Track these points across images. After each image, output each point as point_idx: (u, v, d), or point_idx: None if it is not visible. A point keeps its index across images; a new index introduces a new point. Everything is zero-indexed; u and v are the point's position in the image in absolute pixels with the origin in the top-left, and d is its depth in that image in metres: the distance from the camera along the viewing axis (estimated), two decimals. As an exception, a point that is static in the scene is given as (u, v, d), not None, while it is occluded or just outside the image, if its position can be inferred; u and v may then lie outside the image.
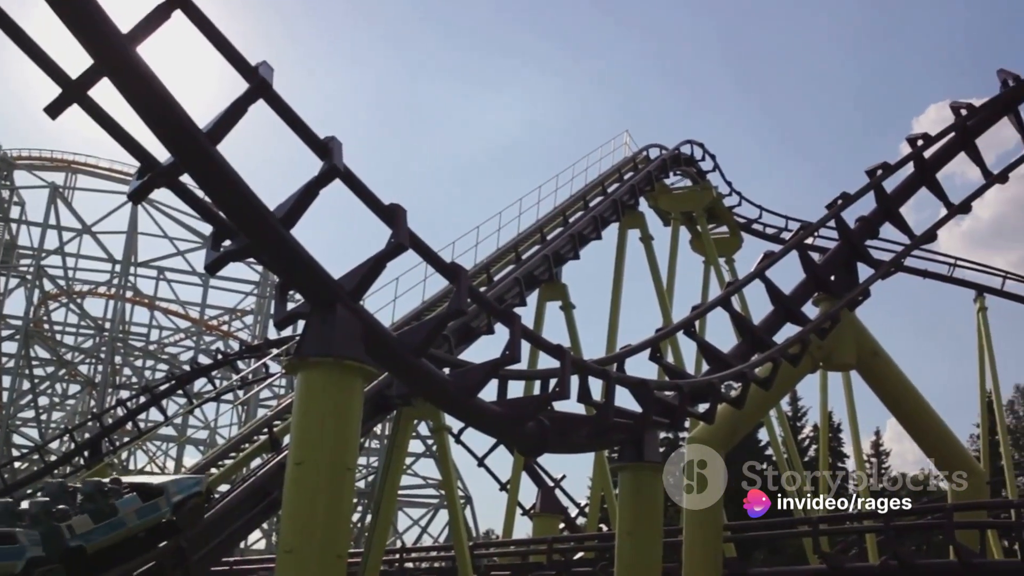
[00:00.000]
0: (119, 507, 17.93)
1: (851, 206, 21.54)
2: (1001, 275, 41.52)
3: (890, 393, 21.79)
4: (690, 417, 17.06)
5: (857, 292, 20.84)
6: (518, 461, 31.88)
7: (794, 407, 72.18)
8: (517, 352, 11.91)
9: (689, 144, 39.69)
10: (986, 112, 22.88)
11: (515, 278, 26.24)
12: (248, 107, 9.30)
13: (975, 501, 21.48)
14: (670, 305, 35.60)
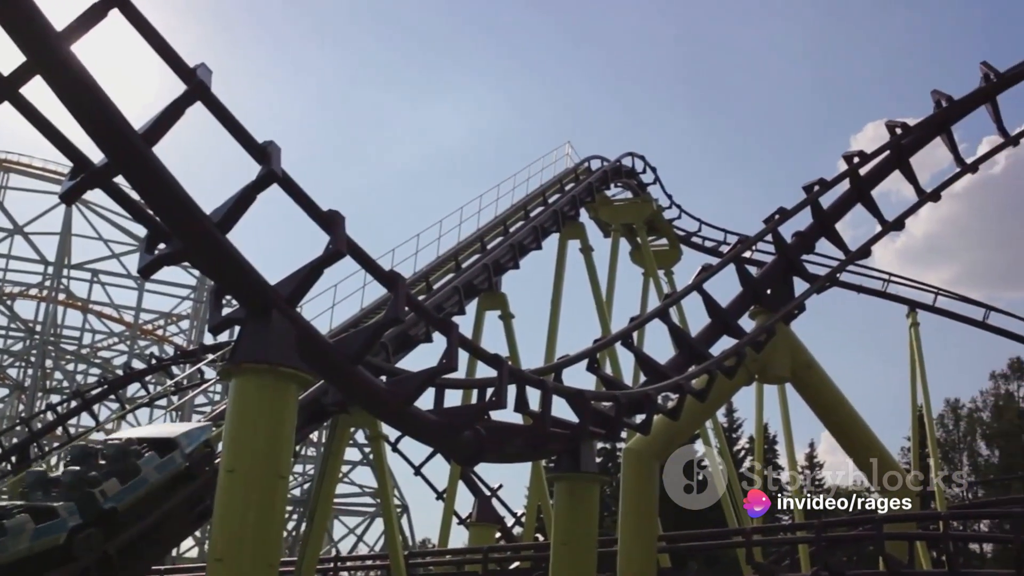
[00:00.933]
0: (141, 466, 18.90)
1: (788, 221, 21.73)
2: (933, 291, 42.11)
3: (823, 406, 22.01)
4: (626, 428, 17.08)
5: (792, 306, 21.02)
6: (455, 470, 31.81)
7: (730, 419, 72.73)
8: (454, 361, 11.87)
9: (630, 156, 39.91)
10: (920, 131, 23.21)
11: (454, 287, 26.21)
12: (185, 109, 9.17)
13: (904, 513, 21.72)
14: (609, 316, 35.73)
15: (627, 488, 19.39)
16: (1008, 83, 23.85)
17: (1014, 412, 71.67)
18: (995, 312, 41.77)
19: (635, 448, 19.30)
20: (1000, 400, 73.75)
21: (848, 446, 22.34)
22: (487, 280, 28.45)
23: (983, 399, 74.79)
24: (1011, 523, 21.37)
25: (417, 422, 12.51)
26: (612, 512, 31.95)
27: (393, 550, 24.20)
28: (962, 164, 23.88)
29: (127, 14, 8.61)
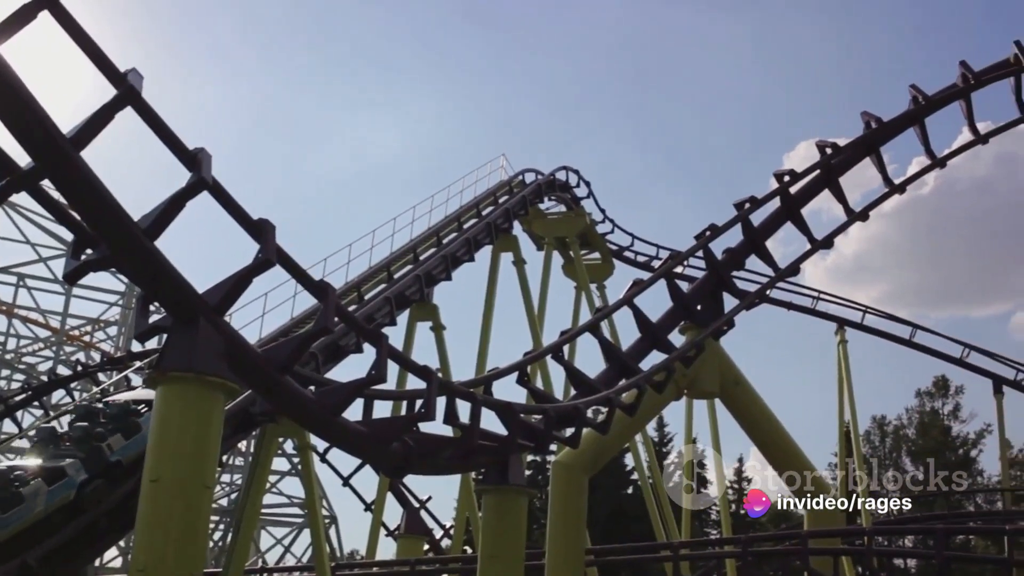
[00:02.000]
0: (142, 424, 20.04)
1: (719, 238, 21.95)
2: (862, 309, 42.84)
3: (751, 421, 22.20)
4: (555, 441, 17.12)
5: (722, 322, 21.22)
6: (383, 482, 31.68)
7: (660, 433, 73.14)
8: (383, 372, 11.84)
9: (565, 170, 40.13)
10: (850, 152, 23.57)
11: (386, 297, 26.17)
12: (115, 114, 9.05)
13: (830, 528, 21.99)
14: (540, 329, 35.85)
15: (556, 501, 19.44)
16: (935, 106, 24.33)
17: (939, 429, 72.77)
18: (921, 331, 42.60)
19: (564, 461, 19.36)
20: (925, 417, 74.83)
21: (775, 461, 22.56)
22: (419, 291, 28.46)
23: (908, 416, 75.89)
24: (934, 539, 21.71)
25: (345, 433, 12.43)
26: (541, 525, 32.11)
27: (320, 561, 24.07)
28: (890, 184, 24.29)
29: (58, 16, 8.48)
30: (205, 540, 11.05)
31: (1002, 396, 41.81)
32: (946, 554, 21.34)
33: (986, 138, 24.89)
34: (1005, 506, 45.01)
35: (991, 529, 40.23)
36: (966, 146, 25.19)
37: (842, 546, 23.43)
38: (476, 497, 29.02)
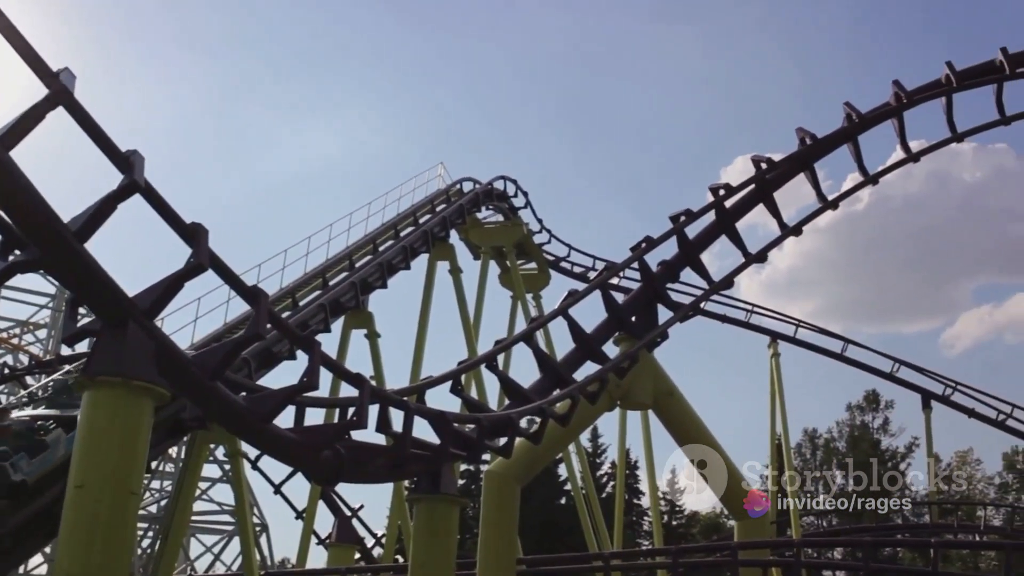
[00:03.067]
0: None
1: (655, 250, 22.09)
2: (794, 323, 43.29)
3: (683, 433, 22.34)
4: (488, 451, 17.11)
5: (656, 333, 21.35)
6: (315, 489, 31.45)
7: (594, 443, 73.43)
8: (315, 379, 11.75)
9: (503, 180, 40.18)
10: (784, 167, 23.85)
11: (320, 304, 26.02)
12: (46, 114, 8.94)
13: (759, 540, 22.19)
14: (476, 338, 35.84)
15: (487, 510, 19.44)
16: (868, 124, 24.68)
17: (868, 443, 73.71)
18: (853, 345, 43.16)
19: (496, 471, 19.36)
20: (855, 431, 75.79)
21: (705, 473, 22.72)
22: (354, 298, 28.32)
23: (839, 429, 76.81)
24: (862, 551, 22.00)
25: (276, 440, 12.34)
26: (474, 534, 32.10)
27: (249, 570, 23.85)
28: (824, 200, 24.59)
29: (-14, 13, 8.37)
30: (131, 547, 10.91)
31: (930, 411, 42.46)
32: (874, 566, 21.68)
33: (918, 156, 25.30)
34: (932, 519, 45.66)
35: (918, 542, 40.89)
36: (898, 164, 25.57)
37: (772, 557, 23.66)
38: (408, 506, 28.94)
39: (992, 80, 25.26)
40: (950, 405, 42.04)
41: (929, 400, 42.35)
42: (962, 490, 70.55)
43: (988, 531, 45.15)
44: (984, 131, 25.70)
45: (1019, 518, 54.61)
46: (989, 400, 41.90)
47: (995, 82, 25.16)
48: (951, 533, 43.08)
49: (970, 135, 25.61)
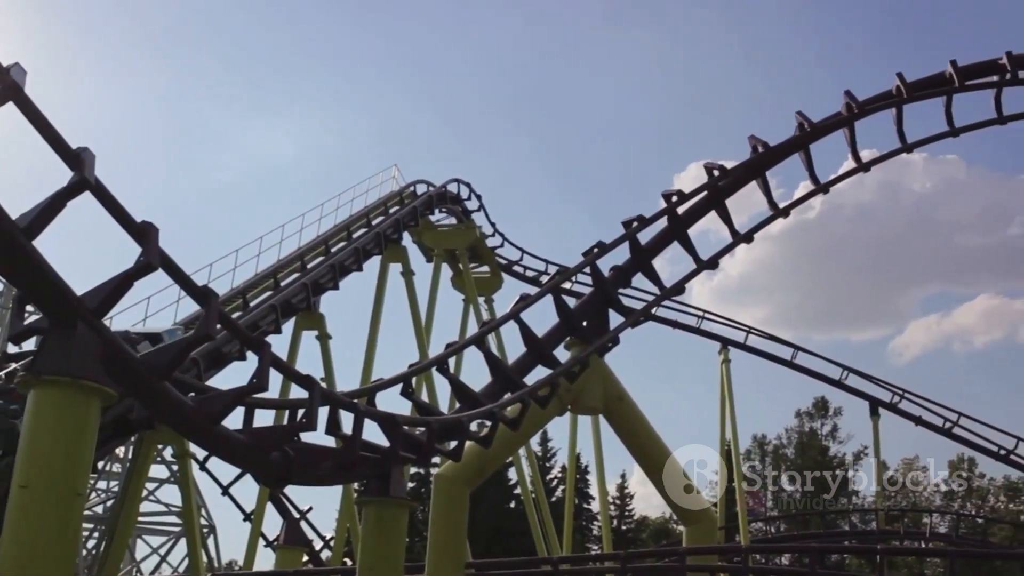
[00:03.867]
0: None
1: (607, 255, 22.13)
2: (745, 330, 43.64)
3: (633, 438, 22.40)
4: (438, 454, 17.08)
5: (607, 339, 21.39)
6: (263, 491, 31.30)
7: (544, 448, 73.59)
8: (265, 381, 11.67)
9: (456, 183, 40.27)
10: (736, 174, 23.97)
11: (271, 305, 25.95)
12: (-4, 110, 8.84)
13: (707, 546, 22.30)
14: (427, 341, 35.84)
15: (437, 514, 19.40)
16: (820, 133, 24.88)
17: (817, 449, 74.40)
18: (802, 352, 43.51)
19: (446, 474, 19.33)
20: (804, 437, 76.48)
21: (656, 478, 22.81)
22: (306, 300, 28.25)
23: (788, 436, 77.48)
24: (809, 557, 22.18)
25: (224, 441, 12.24)
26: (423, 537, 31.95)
27: (196, 571, 23.70)
28: (775, 208, 24.73)
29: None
30: (75, 548, 10.80)
31: (878, 418, 42.91)
32: (820, 572, 21.83)
33: (868, 166, 25.51)
34: (879, 526, 46.12)
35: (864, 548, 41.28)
36: (849, 173, 25.77)
37: (720, 563, 23.78)
38: (357, 508, 28.87)
39: (941, 92, 25.54)
40: (897, 413, 42.46)
41: (877, 407, 42.77)
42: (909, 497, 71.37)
43: (933, 538, 45.71)
44: (934, 142, 25.98)
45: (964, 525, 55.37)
46: (936, 408, 42.36)
47: (944, 94, 25.45)
48: (897, 540, 43.57)
49: (920, 146, 25.87)
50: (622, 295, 23.05)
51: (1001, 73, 26.06)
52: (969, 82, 25.78)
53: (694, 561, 21.61)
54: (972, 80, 25.98)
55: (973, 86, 25.90)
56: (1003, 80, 25.82)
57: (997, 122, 25.86)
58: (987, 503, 71.03)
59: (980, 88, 26.03)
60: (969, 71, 25.97)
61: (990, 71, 26.38)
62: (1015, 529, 59.44)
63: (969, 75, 25.92)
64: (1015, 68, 25.88)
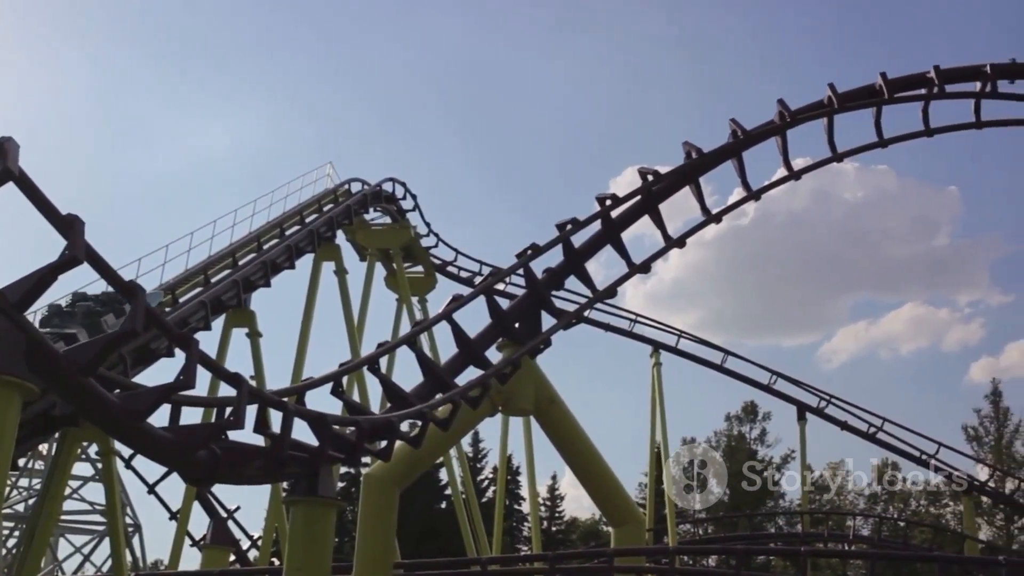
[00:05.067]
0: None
1: (541, 257, 22.14)
2: (676, 334, 43.94)
3: (563, 440, 22.42)
4: (367, 454, 16.97)
5: (539, 340, 21.39)
6: (190, 490, 30.95)
7: (476, 448, 73.58)
8: (192, 378, 11.50)
9: (391, 182, 40.12)
10: (670, 180, 24.09)
11: (201, 301, 25.67)
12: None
13: (635, 547, 22.38)
14: (360, 341, 35.66)
15: (365, 514, 19.28)
16: (753, 140, 25.07)
17: (745, 453, 75.06)
18: (732, 357, 43.86)
19: (375, 474, 19.23)
20: (733, 441, 77.15)
21: (585, 480, 22.85)
22: (236, 297, 28.00)
23: (717, 439, 78.09)
24: (735, 559, 22.34)
25: (149, 439, 12.04)
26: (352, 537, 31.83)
27: (119, 571, 23.37)
28: (707, 214, 24.88)
29: None
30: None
31: (805, 423, 43.36)
32: (746, 574, 21.96)
33: (799, 174, 25.77)
34: (804, 529, 46.67)
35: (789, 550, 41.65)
36: (780, 181, 26.00)
37: (648, 564, 23.88)
38: (284, 508, 28.65)
39: (871, 104, 25.90)
40: (824, 418, 42.95)
41: (804, 412, 43.22)
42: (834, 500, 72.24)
43: (856, 540, 46.25)
44: (863, 152, 26.33)
45: (886, 528, 56.15)
46: (861, 413, 42.93)
47: (874, 105, 25.81)
48: (821, 542, 44.10)
49: (849, 155, 26.19)
50: (555, 297, 23.08)
51: (929, 86, 26.54)
52: (898, 94, 26.22)
53: (622, 562, 21.67)
54: (901, 92, 26.44)
55: (902, 98, 26.36)
56: (931, 93, 26.30)
57: (924, 134, 26.32)
58: (909, 507, 72.11)
59: (908, 100, 26.50)
60: (898, 84, 26.40)
61: (919, 84, 26.86)
62: (935, 532, 60.46)
63: (898, 87, 26.35)
64: (942, 82, 26.41)
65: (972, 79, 26.94)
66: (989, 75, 26.47)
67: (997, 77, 26.51)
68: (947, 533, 58.06)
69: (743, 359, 44.24)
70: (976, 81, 26.82)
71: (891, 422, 42.65)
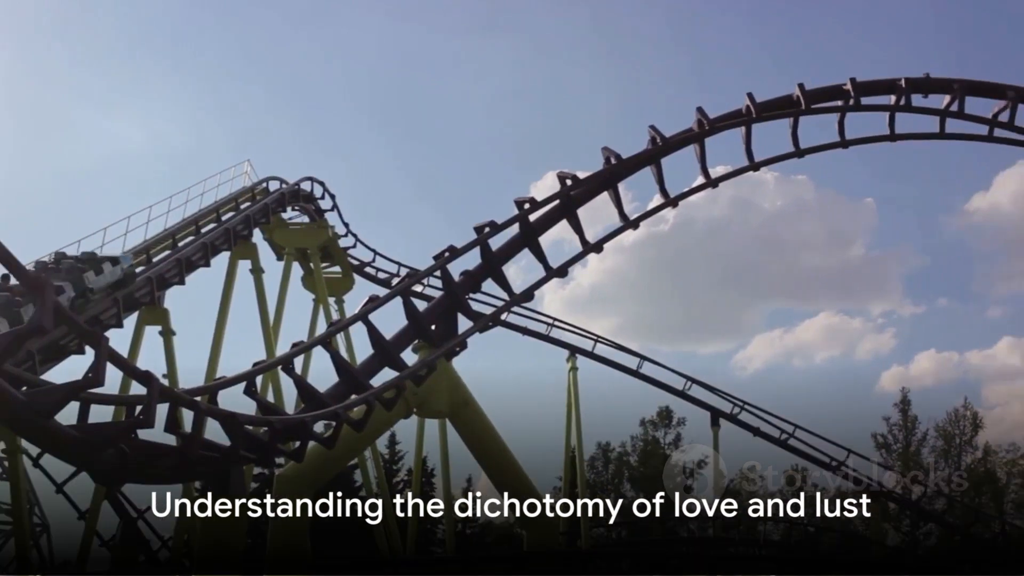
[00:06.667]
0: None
1: (459, 259, 22.18)
2: (593, 338, 44.03)
3: (477, 443, 22.50)
4: (280, 454, 16.88)
5: (454, 343, 21.43)
6: (100, 489, 30.48)
7: (392, 450, 73.17)
8: (101, 376, 11.35)
9: (310, 181, 39.80)
10: (589, 185, 24.26)
11: (113, 298, 25.28)
12: None
13: (547, 550, 22.49)
14: (276, 341, 35.35)
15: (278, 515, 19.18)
16: (672, 148, 25.35)
17: (659, 458, 75.54)
18: (648, 362, 44.09)
19: (288, 475, 19.18)
20: (648, 446, 77.59)
21: (499, 483, 22.93)
22: (149, 294, 27.63)
23: (632, 444, 78.50)
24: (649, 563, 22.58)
25: (56, 437, 11.86)
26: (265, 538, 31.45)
27: (25, 572, 22.96)
28: (625, 220, 25.08)
29: None
30: None
31: (718, 428, 43.76)
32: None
33: (716, 182, 26.08)
34: (715, 533, 47.18)
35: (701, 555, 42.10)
36: (697, 188, 26.30)
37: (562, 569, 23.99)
38: (197, 508, 28.33)
39: (789, 114, 26.29)
40: (737, 424, 43.39)
41: (717, 418, 43.61)
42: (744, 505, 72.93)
43: (767, 545, 46.83)
44: (780, 162, 26.72)
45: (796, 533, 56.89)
46: (774, 420, 43.44)
47: (792, 116, 26.19)
48: (732, 547, 44.58)
49: (766, 164, 26.56)
50: (472, 300, 23.13)
51: (845, 98, 27.00)
52: (815, 105, 26.66)
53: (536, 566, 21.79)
54: (818, 104, 26.87)
55: (818, 109, 26.80)
56: (847, 105, 26.75)
57: (840, 145, 26.76)
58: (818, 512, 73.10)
59: (825, 112, 26.95)
60: (815, 95, 26.85)
61: (835, 96, 27.32)
62: (844, 537, 61.37)
63: (815, 99, 26.80)
64: (858, 94, 26.86)
65: (887, 92, 27.44)
66: (903, 89, 26.98)
67: (911, 91, 27.03)
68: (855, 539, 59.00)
69: (659, 365, 44.53)
70: (891, 94, 27.33)
71: (803, 429, 43.26)
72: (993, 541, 47.57)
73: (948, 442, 66.56)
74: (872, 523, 48.86)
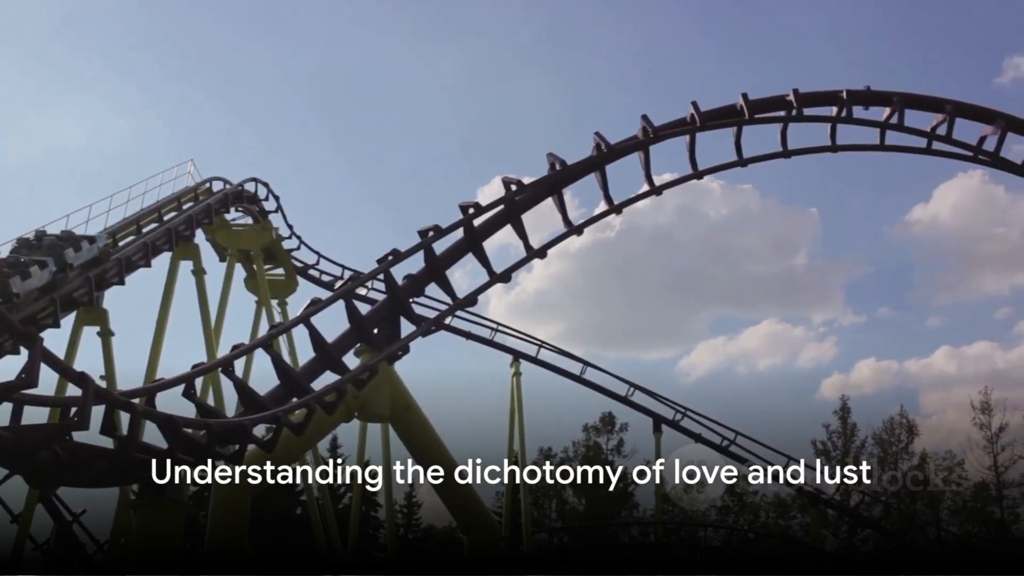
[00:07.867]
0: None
1: (403, 263, 22.11)
2: (537, 344, 44.08)
3: (419, 447, 22.44)
4: (218, 458, 16.70)
5: (397, 347, 21.36)
6: (33, 492, 30.04)
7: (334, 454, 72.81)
8: (35, 376, 11.21)
9: (254, 182, 39.45)
10: (534, 190, 24.30)
11: (51, 297, 24.90)
12: None
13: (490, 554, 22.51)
14: (217, 343, 35.02)
15: (215, 518, 19.03)
16: (617, 155, 25.45)
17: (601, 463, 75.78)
18: (592, 368, 44.18)
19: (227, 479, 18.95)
20: (590, 451, 77.79)
21: (440, 488, 22.88)
22: (88, 294, 27.25)
23: (575, 449, 78.66)
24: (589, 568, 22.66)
25: (-12, 439, 11.71)
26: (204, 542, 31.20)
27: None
28: (569, 225, 25.14)
29: None
30: None
31: (660, 434, 43.92)
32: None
33: (660, 190, 26.24)
34: (657, 538, 47.33)
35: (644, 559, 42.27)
36: (641, 195, 26.44)
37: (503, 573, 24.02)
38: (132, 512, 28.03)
39: (732, 123, 26.51)
40: (679, 430, 43.55)
41: (660, 424, 43.77)
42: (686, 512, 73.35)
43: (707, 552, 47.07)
44: (723, 170, 26.99)
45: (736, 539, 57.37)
46: (715, 427, 43.67)
47: (735, 125, 26.42)
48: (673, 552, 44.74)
49: (709, 173, 26.83)
50: (416, 304, 23.08)
51: (788, 109, 27.32)
52: (758, 115, 26.92)
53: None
54: (761, 113, 27.14)
55: (762, 119, 27.07)
56: (789, 116, 27.07)
57: (782, 155, 27.06)
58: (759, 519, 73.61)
59: (768, 122, 27.24)
60: (759, 105, 27.10)
61: (778, 106, 27.61)
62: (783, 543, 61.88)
63: (759, 109, 27.05)
64: (801, 105, 27.21)
65: (829, 104, 27.79)
66: (845, 101, 27.34)
67: (852, 103, 27.40)
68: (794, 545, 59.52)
69: (602, 371, 44.60)
70: (833, 106, 27.67)
71: (744, 435, 43.49)
72: (928, 547, 48.21)
73: (884, 449, 67.31)
74: (811, 529, 49.27)
